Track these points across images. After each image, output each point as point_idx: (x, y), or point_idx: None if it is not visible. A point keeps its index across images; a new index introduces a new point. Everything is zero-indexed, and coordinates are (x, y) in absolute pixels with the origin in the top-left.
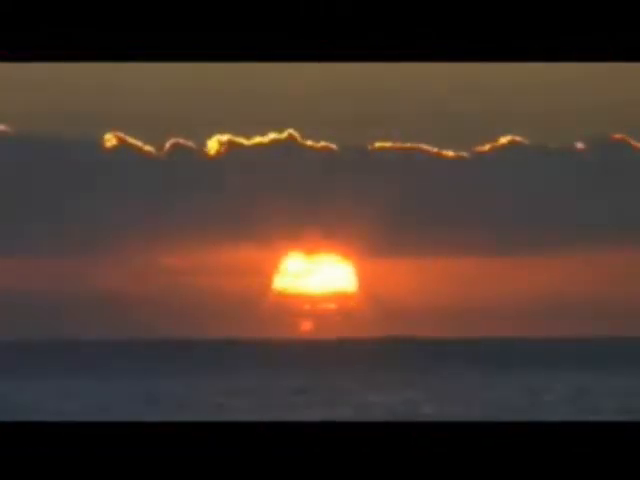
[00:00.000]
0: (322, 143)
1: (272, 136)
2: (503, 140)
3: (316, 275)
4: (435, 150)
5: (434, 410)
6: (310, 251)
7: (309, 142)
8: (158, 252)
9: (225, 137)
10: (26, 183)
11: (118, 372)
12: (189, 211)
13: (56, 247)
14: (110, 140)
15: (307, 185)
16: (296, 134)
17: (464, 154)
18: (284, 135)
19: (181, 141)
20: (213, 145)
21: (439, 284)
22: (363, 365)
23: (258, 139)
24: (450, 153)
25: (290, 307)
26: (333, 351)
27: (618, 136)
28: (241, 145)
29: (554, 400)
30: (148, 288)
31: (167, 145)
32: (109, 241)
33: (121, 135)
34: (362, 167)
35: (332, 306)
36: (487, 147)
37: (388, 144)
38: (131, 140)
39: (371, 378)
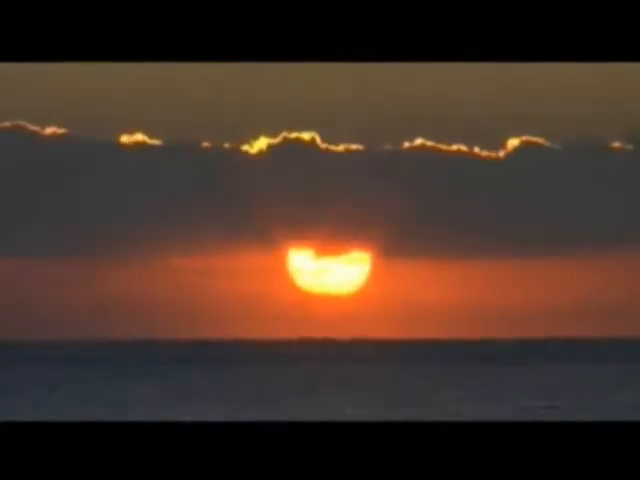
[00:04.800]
0: (340, 145)
1: (289, 137)
2: (528, 140)
3: (331, 275)
4: (444, 148)
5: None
6: (325, 252)
7: (326, 144)
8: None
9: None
10: (35, 183)
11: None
12: (202, 211)
13: (63, 247)
14: (125, 140)
15: (323, 186)
16: (316, 137)
17: (485, 154)
18: (302, 137)
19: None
20: (227, 146)
21: (458, 285)
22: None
23: (272, 141)
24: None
25: (305, 307)
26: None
27: None
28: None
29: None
30: (161, 289)
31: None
32: (116, 242)
33: (136, 135)
34: (378, 167)
35: (346, 306)
36: (510, 148)
37: (401, 144)
38: (142, 139)
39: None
